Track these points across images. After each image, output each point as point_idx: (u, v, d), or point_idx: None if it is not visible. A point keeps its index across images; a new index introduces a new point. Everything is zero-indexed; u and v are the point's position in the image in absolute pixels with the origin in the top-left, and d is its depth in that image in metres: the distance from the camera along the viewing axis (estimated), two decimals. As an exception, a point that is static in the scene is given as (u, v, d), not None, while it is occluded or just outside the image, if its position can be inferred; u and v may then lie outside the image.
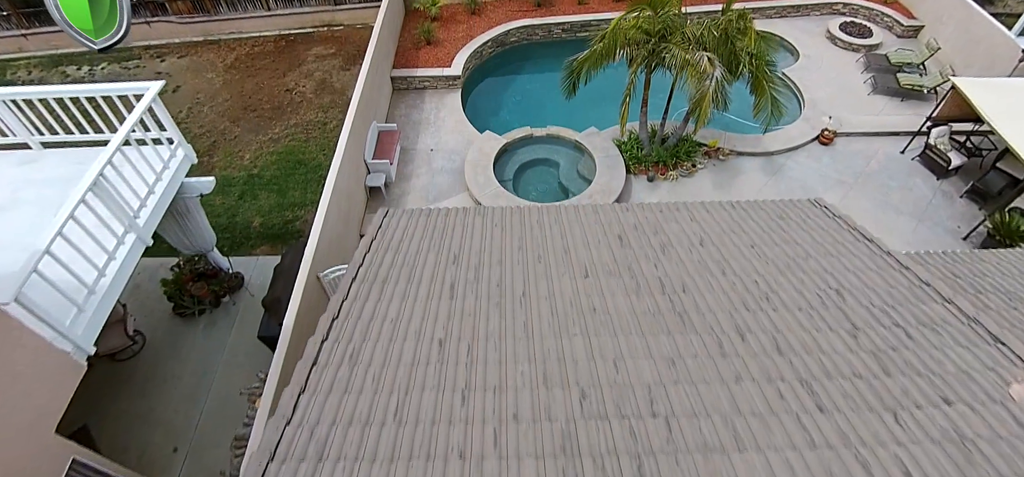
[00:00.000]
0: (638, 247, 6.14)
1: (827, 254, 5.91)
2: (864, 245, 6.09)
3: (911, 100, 11.99)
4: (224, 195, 10.26)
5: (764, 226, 6.54)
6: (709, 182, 10.42)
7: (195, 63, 13.20)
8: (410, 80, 12.09)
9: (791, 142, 11.02)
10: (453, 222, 6.82)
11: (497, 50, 13.47)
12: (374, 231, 6.70)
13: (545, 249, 6.15)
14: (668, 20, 8.84)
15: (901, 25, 13.70)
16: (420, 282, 5.63)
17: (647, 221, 6.70)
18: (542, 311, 5.12)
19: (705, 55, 8.30)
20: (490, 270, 5.78)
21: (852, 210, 10.00)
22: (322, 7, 14.00)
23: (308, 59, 13.20)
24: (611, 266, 5.76)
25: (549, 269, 5.75)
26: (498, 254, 6.05)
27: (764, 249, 6.04)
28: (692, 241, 6.24)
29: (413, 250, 6.27)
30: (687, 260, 5.88)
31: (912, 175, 10.69)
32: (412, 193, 10.09)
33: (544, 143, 11.03)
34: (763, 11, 14.25)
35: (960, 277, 6.25)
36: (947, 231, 9.75)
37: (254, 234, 9.65)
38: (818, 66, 12.91)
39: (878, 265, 5.73)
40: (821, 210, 6.97)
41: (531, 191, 10.57)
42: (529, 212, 7.02)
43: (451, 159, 10.68)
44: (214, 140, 11.28)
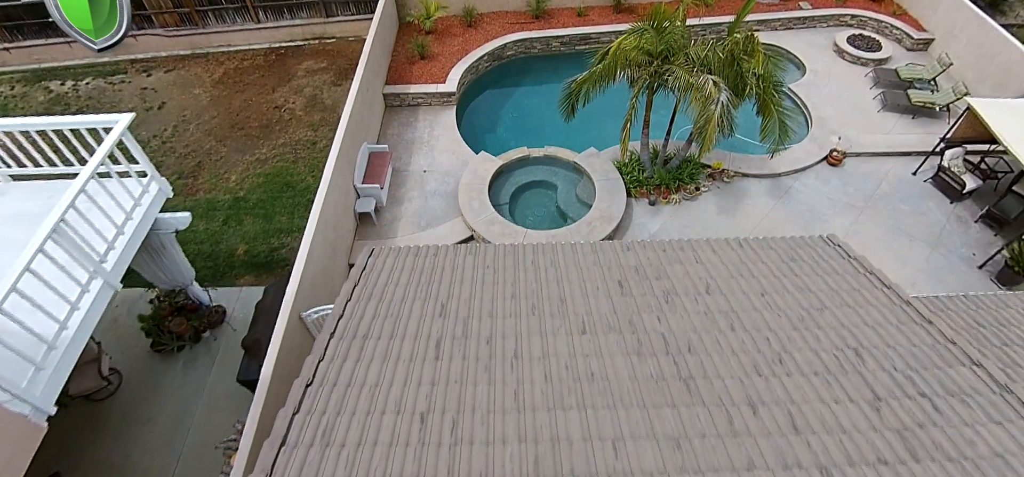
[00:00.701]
0: (639, 295, 5.73)
1: (843, 305, 5.50)
2: (882, 293, 5.68)
3: (922, 118, 11.57)
4: (208, 220, 9.86)
5: (774, 269, 6.13)
6: (713, 206, 10.00)
7: (182, 78, 12.79)
8: (403, 97, 11.67)
9: (798, 163, 10.60)
10: (442, 263, 6.42)
11: (494, 65, 13.05)
12: (357, 274, 6.30)
13: (540, 297, 5.75)
14: (671, 40, 8.42)
15: (911, 38, 13.26)
16: (404, 338, 5.23)
17: (649, 263, 6.29)
18: (535, 376, 4.71)
19: (710, 78, 7.88)
20: (480, 323, 5.37)
21: (863, 236, 9.61)
22: (313, 20, 13.58)
23: (298, 74, 12.78)
24: (610, 319, 5.35)
25: (543, 322, 5.34)
26: (489, 303, 5.64)
27: (775, 298, 5.63)
28: (698, 288, 5.84)
29: (398, 297, 5.86)
30: (693, 311, 5.47)
31: (925, 198, 10.26)
32: (404, 219, 9.68)
33: (541, 164, 10.61)
34: (768, 23, 13.82)
35: (984, 326, 5.84)
36: (962, 259, 9.33)
37: (238, 263, 9.25)
38: (826, 81, 12.48)
39: (898, 318, 5.32)
40: (834, 249, 6.56)
41: (528, 216, 10.16)
42: (524, 251, 6.62)
43: (445, 181, 10.27)
44: (199, 160, 10.88)
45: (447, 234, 9.34)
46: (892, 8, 13.94)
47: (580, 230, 9.09)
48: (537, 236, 9.01)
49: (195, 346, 8.46)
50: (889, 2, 14.11)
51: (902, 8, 13.96)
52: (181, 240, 9.64)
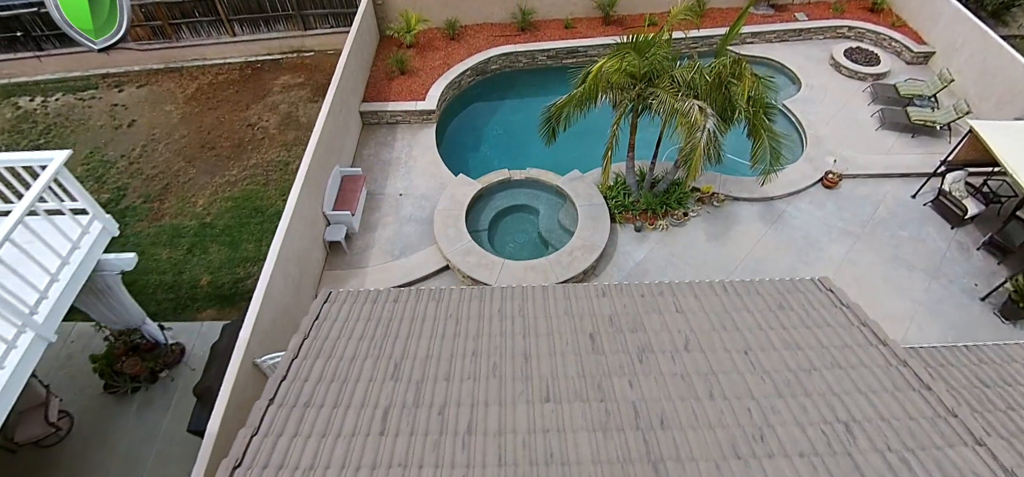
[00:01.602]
0: (612, 352, 5.26)
1: (834, 365, 5.02)
2: (878, 351, 5.21)
3: (922, 136, 11.08)
4: (172, 248, 9.40)
5: (760, 320, 5.65)
6: (702, 233, 9.52)
7: (154, 93, 12.33)
8: (381, 115, 11.21)
9: (793, 186, 10.11)
10: (402, 311, 5.95)
11: (477, 79, 12.58)
12: (309, 323, 5.83)
13: (503, 354, 5.28)
14: (656, 63, 7.95)
15: (911, 51, 12.76)
16: (349, 407, 4.76)
17: (625, 312, 5.82)
18: (488, 456, 4.24)
19: (696, 104, 7.41)
20: (434, 388, 4.91)
21: (860, 265, 9.14)
22: (290, 33, 13.10)
23: (274, 89, 12.31)
24: (577, 384, 4.88)
25: (504, 388, 4.87)
26: (446, 363, 5.17)
27: (760, 357, 5.15)
28: (676, 343, 5.36)
29: (350, 354, 5.39)
30: (668, 373, 5.00)
31: (924, 223, 9.78)
32: (377, 247, 9.21)
33: (523, 188, 10.14)
34: (763, 35, 13.33)
35: (987, 385, 5.36)
36: (963, 290, 8.84)
37: (201, 295, 8.80)
38: (822, 97, 12.00)
39: (894, 382, 4.84)
40: (825, 294, 6.08)
41: (508, 243, 9.69)
42: (490, 298, 6.14)
43: (421, 206, 9.80)
44: (167, 183, 10.42)
45: (421, 264, 8.87)
46: (891, 20, 13.45)
47: (560, 261, 8.62)
48: (515, 267, 8.54)
49: (151, 387, 8.00)
50: (888, 13, 13.62)
51: (902, 19, 13.47)
52: (142, 270, 9.30)
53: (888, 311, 8.54)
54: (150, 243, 9.55)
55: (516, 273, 8.49)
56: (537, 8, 13.01)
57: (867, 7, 13.80)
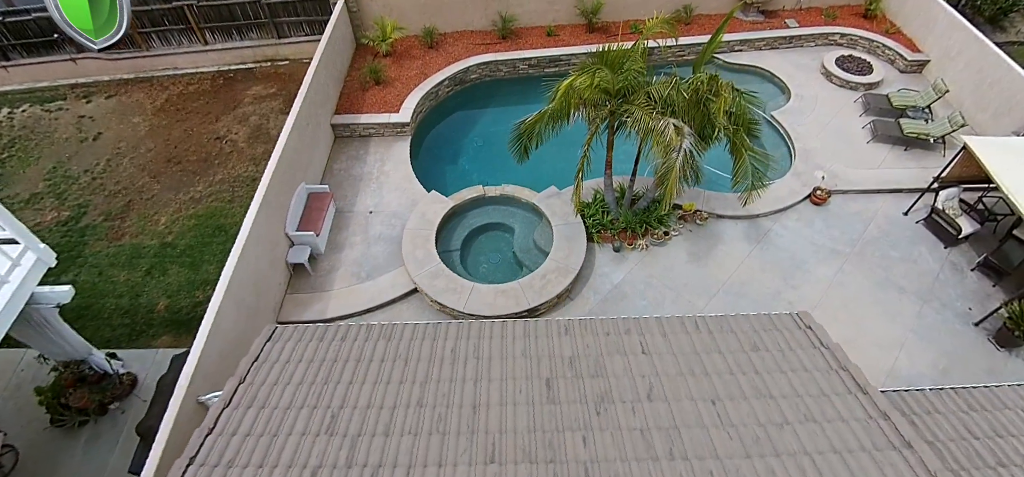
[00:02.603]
0: (568, 402, 4.85)
1: (808, 419, 4.61)
2: (856, 401, 4.79)
3: (916, 150, 10.66)
4: (131, 269, 9.02)
5: (732, 363, 5.24)
6: (684, 252, 9.11)
7: (122, 105, 11.93)
8: (354, 127, 10.81)
9: (779, 202, 9.69)
10: (348, 352, 5.53)
11: (456, 89, 12.18)
12: (246, 366, 5.42)
13: (450, 404, 4.87)
14: (630, 79, 7.54)
15: (904, 59, 12.33)
16: (275, 466, 4.31)
17: (587, 353, 5.41)
18: (419, 531, 3.86)
19: (671, 123, 7.00)
20: (370, 445, 4.50)
21: (849, 288, 8.72)
22: (264, 41, 12.68)
23: (245, 100, 11.90)
24: (526, 441, 4.47)
25: (446, 446, 4.46)
26: (387, 415, 4.76)
27: (728, 408, 4.74)
28: (638, 391, 4.95)
29: (285, 403, 4.99)
30: (627, 428, 4.59)
31: (916, 243, 9.36)
32: (343, 268, 8.82)
33: (498, 205, 9.73)
34: (752, 43, 12.90)
35: (977, 437, 4.94)
36: (956, 315, 8.42)
37: (158, 320, 8.41)
38: (812, 108, 11.57)
39: (873, 439, 4.42)
40: (804, 332, 5.66)
41: (482, 263, 9.29)
42: (446, 335, 5.73)
43: (392, 224, 9.40)
44: (130, 199, 10.03)
45: (388, 288, 8.47)
46: (885, 26, 13.01)
47: (533, 284, 8.22)
48: (484, 291, 8.14)
49: (100, 420, 7.61)
50: (882, 20, 13.19)
51: (896, 26, 13.04)
52: (98, 294, 8.93)
53: (877, 338, 8.13)
54: (108, 264, 9.16)
55: (486, 298, 8.09)
56: (519, 15, 12.59)
57: (860, 13, 13.36)
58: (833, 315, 8.35)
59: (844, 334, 8.11)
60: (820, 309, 8.42)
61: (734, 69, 12.84)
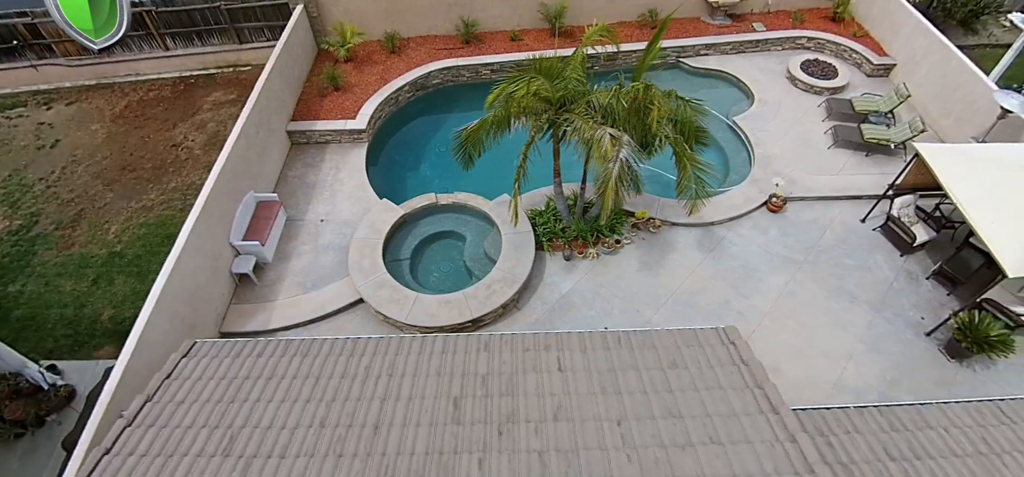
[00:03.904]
0: (472, 422, 4.76)
1: (713, 441, 4.51)
2: (766, 421, 4.69)
3: (877, 155, 10.54)
4: (77, 279, 8.94)
5: (647, 381, 5.14)
6: (635, 261, 9.01)
7: (82, 111, 11.86)
8: (310, 134, 10.72)
9: (735, 210, 9.59)
10: (261, 369, 5.44)
11: (417, 95, 12.08)
12: (154, 386, 5.33)
13: (352, 426, 4.77)
14: (570, 87, 7.45)
15: (871, 63, 12.21)
16: (162, 491, 4.30)
17: (502, 370, 5.31)
18: (293, 559, 3.78)
19: (607, 132, 6.88)
20: (264, 467, 4.38)
21: (800, 297, 8.61)
22: (225, 47, 12.60)
23: (204, 106, 11.81)
24: (420, 464, 4.36)
25: (339, 469, 4.35)
26: (287, 436, 4.67)
27: (633, 428, 4.64)
28: (545, 411, 4.86)
29: (188, 422, 4.89)
30: (525, 450, 4.48)
31: (872, 250, 9.24)
32: (289, 278, 8.73)
33: (450, 213, 9.65)
34: (718, 47, 12.78)
35: (895, 459, 4.81)
36: (909, 324, 8.30)
37: (101, 331, 8.33)
38: (775, 113, 11.45)
39: (775, 462, 4.31)
40: (727, 348, 5.56)
41: (432, 273, 9.20)
42: (363, 352, 5.63)
43: (342, 233, 9.31)
44: (82, 208, 9.95)
45: (332, 298, 8.38)
46: (853, 30, 12.90)
47: (477, 295, 8.12)
48: (428, 302, 8.05)
49: (38, 432, 7.53)
50: (850, 23, 13.07)
51: (864, 30, 12.91)
52: (43, 304, 8.85)
53: (826, 348, 8.02)
54: (56, 274, 9.09)
55: (429, 308, 8.00)
56: (482, 20, 12.49)
57: (828, 16, 13.24)
58: (782, 324, 8.25)
59: (792, 344, 8.10)
60: (769, 319, 8.32)
61: (699, 73, 12.74)
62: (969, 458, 4.86)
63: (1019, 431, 5.16)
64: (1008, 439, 5.07)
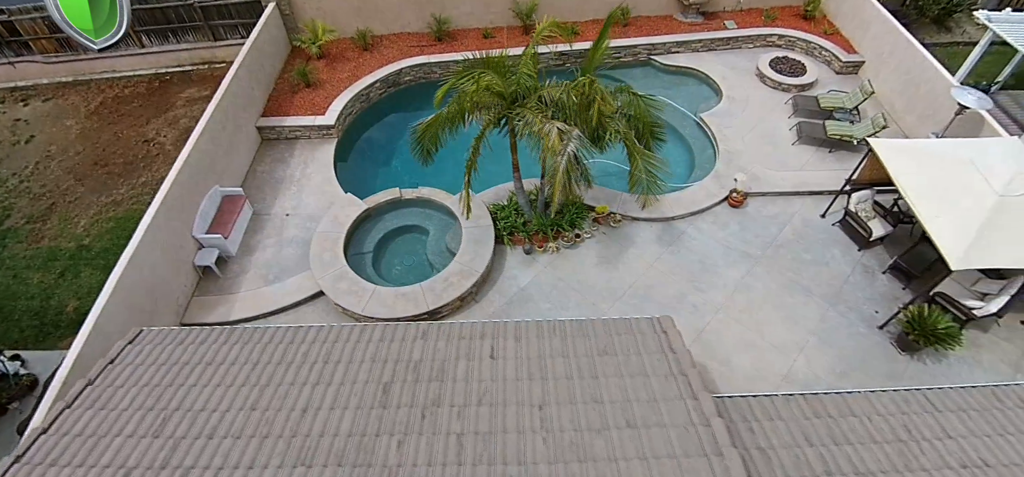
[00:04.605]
0: (398, 406, 4.88)
1: (629, 425, 4.61)
2: (684, 405, 4.81)
3: (841, 151, 10.64)
4: (45, 271, 9.08)
5: (575, 367, 5.26)
6: (594, 255, 9.13)
7: (58, 108, 12.01)
8: (280, 130, 10.85)
9: (696, 205, 9.70)
10: (203, 355, 5.56)
11: (388, 91, 12.20)
12: (97, 371, 5.45)
13: (281, 409, 4.87)
14: (522, 82, 7.56)
15: (840, 60, 12.30)
16: (93, 466, 4.38)
17: (436, 357, 5.43)
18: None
19: (555, 127, 6.99)
20: (190, 447, 4.51)
21: (755, 291, 8.72)
22: (200, 44, 12.72)
23: (177, 103, 11.96)
24: (341, 445, 4.49)
25: (262, 449, 4.46)
26: (218, 418, 4.79)
27: (553, 413, 4.76)
28: (469, 396, 4.98)
29: (123, 406, 4.98)
30: (445, 432, 4.60)
31: (831, 245, 9.35)
32: (252, 271, 8.86)
33: (415, 207, 9.77)
34: (689, 45, 12.88)
35: (813, 444, 4.90)
36: (862, 318, 8.41)
37: (66, 322, 8.47)
38: (742, 110, 11.56)
39: (685, 446, 4.42)
40: (659, 337, 5.68)
41: (395, 266, 9.32)
42: (303, 339, 5.75)
43: (307, 227, 9.44)
44: (53, 202, 10.10)
45: (293, 291, 8.51)
46: (823, 27, 12.99)
47: (434, 287, 8.25)
48: (385, 294, 8.17)
49: (2, 419, 7.69)
50: (820, 21, 13.16)
51: (834, 27, 13.01)
52: (10, 296, 9.00)
53: (778, 341, 8.12)
54: (24, 266, 9.23)
55: (386, 301, 8.13)
56: (454, 18, 12.61)
57: (800, 14, 13.34)
58: (735, 318, 8.36)
59: (744, 338, 8.21)
60: (723, 312, 8.43)
61: (670, 71, 12.85)
62: (887, 445, 4.96)
63: (941, 420, 5.25)
64: (930, 427, 5.17)
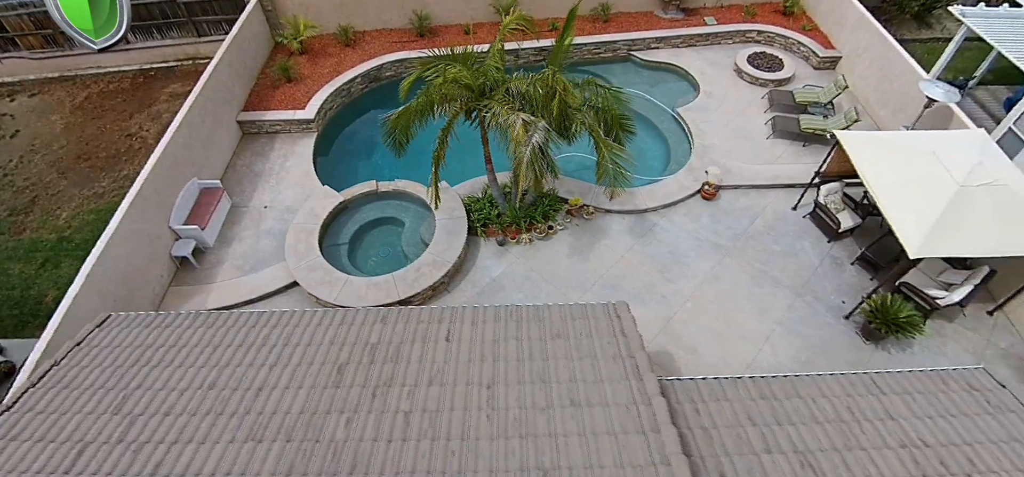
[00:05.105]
0: (351, 386, 5.01)
1: (572, 403, 4.74)
2: (628, 386, 4.93)
3: (815, 145, 10.76)
4: (26, 262, 9.23)
5: (525, 350, 5.38)
6: (566, 247, 9.25)
7: (44, 103, 12.17)
8: (260, 124, 10.99)
9: (669, 197, 9.83)
10: (167, 339, 5.70)
11: (370, 86, 12.34)
12: (63, 352, 5.60)
13: (237, 389, 5.00)
14: (489, 74, 7.69)
15: (818, 56, 12.42)
16: (51, 441, 4.53)
17: (393, 340, 5.56)
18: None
19: (520, 118, 7.13)
20: (146, 423, 4.66)
21: (724, 281, 8.84)
22: (184, 40, 12.88)
23: (161, 98, 12.12)
24: (291, 422, 4.62)
25: (215, 425, 4.62)
26: (174, 397, 4.92)
27: (500, 392, 4.90)
28: (420, 377, 5.11)
29: (86, 385, 5.13)
30: (393, 411, 4.72)
31: (801, 237, 9.47)
32: (229, 261, 9.00)
33: (391, 200, 9.90)
34: (669, 40, 13.01)
35: (756, 424, 5.02)
36: (829, 308, 8.52)
37: (45, 311, 8.61)
38: (719, 104, 11.68)
39: (624, 423, 4.55)
40: (612, 321, 5.81)
41: (370, 257, 9.46)
42: (267, 322, 5.89)
43: (285, 219, 9.57)
44: (36, 195, 10.25)
45: (268, 280, 8.64)
46: (802, 23, 13.10)
47: (406, 277, 8.38)
48: (357, 284, 8.31)
49: (-23, 407, 7.82)
50: (800, 17, 13.27)
51: (813, 23, 13.13)
52: (-10, 285, 9.15)
53: (745, 330, 8.24)
54: (6, 257, 9.38)
55: (358, 290, 8.26)
56: (435, 14, 12.74)
57: (779, 10, 13.46)
58: (703, 308, 8.49)
59: (712, 327, 8.33)
60: (692, 302, 8.56)
61: (650, 66, 12.97)
62: (829, 424, 5.08)
63: (884, 401, 5.37)
64: (872, 408, 5.29)
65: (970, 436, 5.01)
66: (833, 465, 4.65)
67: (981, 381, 5.64)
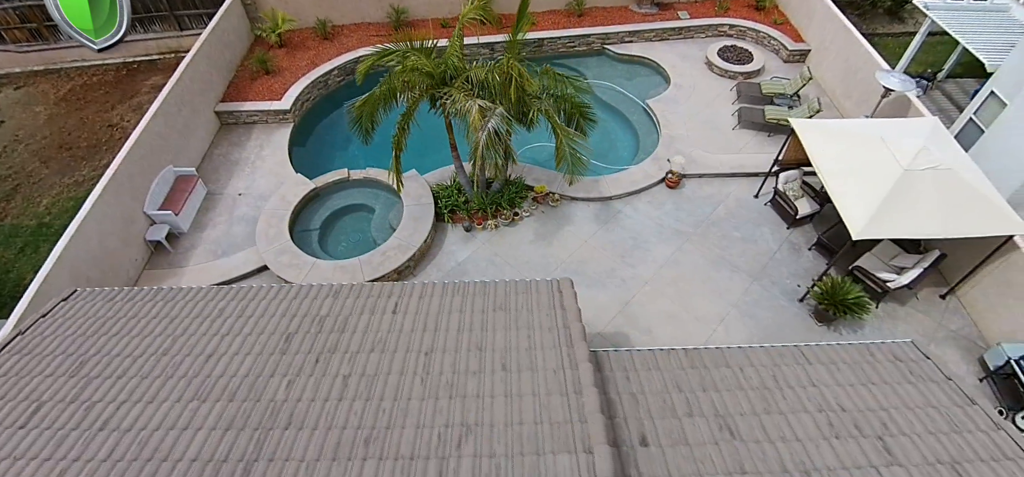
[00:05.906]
0: (297, 353, 5.25)
1: (503, 368, 4.99)
2: (555, 354, 5.16)
3: (778, 135, 10.99)
4: (6, 247, 9.50)
5: (467, 320, 5.62)
6: (531, 233, 9.51)
7: (29, 95, 12.45)
8: (238, 115, 11.25)
9: (634, 185, 10.08)
10: (129, 311, 5.96)
11: (347, 79, 12.61)
12: (29, 322, 5.86)
13: (189, 355, 5.28)
14: (450, 63, 7.95)
15: (787, 49, 12.65)
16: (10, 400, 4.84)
17: (341, 312, 5.81)
18: (101, 453, 4.30)
19: (476, 104, 7.39)
20: (99, 386, 4.94)
21: (683, 266, 9.09)
22: (166, 33, 13.16)
23: (143, 90, 12.40)
24: (235, 385, 4.87)
25: (164, 387, 4.89)
26: (131, 361, 5.18)
27: (435, 359, 5.13)
28: (365, 344, 5.37)
29: (47, 352, 5.40)
30: (332, 375, 4.96)
31: (760, 224, 9.71)
32: (202, 246, 9.27)
33: (362, 187, 10.17)
34: (642, 34, 13.24)
35: (682, 391, 5.26)
36: (784, 292, 8.78)
37: (22, 294, 8.89)
38: (688, 96, 11.92)
39: (547, 385, 4.80)
40: (553, 295, 6.05)
41: (342, 242, 9.72)
42: (224, 296, 6.16)
43: (258, 206, 9.83)
44: (17, 183, 10.53)
45: (240, 264, 8.91)
46: (774, 17, 13.33)
47: (372, 261, 8.64)
48: (324, 267, 8.57)
49: (-45, 385, 8.09)
50: (771, 11, 13.51)
51: (784, 17, 13.36)
52: (-31, 269, 9.43)
53: (700, 313, 8.49)
54: (-14, 243, 9.69)
55: (325, 273, 8.52)
56: (412, 7, 13.01)
57: (752, 5, 13.69)
58: (660, 291, 8.74)
59: (668, 310, 8.59)
60: (650, 285, 8.81)
61: (623, 60, 13.21)
62: (752, 391, 5.31)
63: (809, 370, 5.60)
64: (797, 376, 5.52)
65: (887, 402, 5.24)
66: (750, 427, 4.89)
67: (907, 352, 5.87)
